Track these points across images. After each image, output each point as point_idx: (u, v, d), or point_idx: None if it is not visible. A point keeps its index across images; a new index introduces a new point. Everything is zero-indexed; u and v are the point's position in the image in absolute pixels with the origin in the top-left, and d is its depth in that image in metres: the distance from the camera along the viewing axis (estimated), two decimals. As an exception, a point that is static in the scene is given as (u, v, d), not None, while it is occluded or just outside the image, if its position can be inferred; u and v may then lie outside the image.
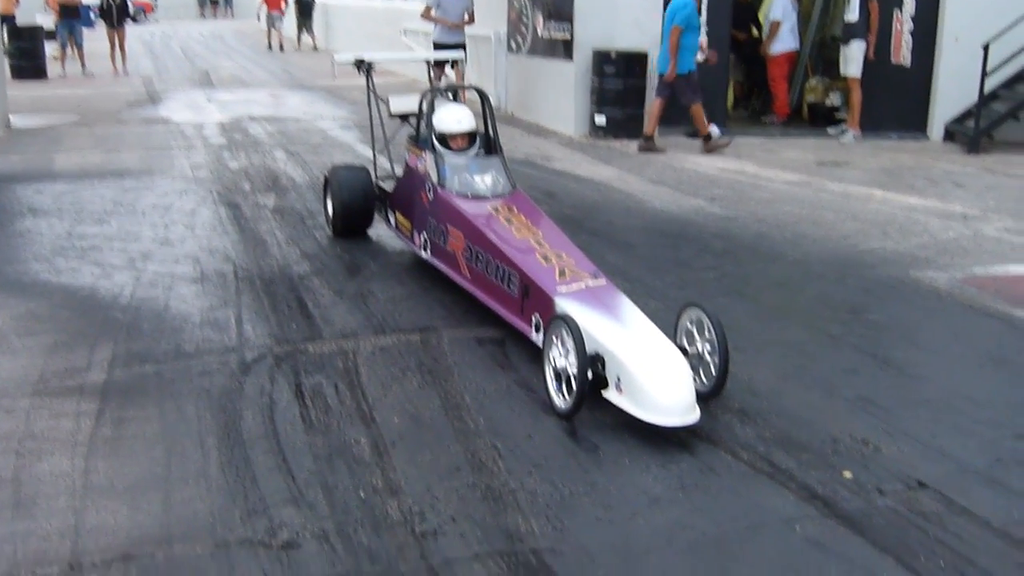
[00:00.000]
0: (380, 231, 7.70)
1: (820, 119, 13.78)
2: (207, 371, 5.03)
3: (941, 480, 3.97)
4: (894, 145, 12.49)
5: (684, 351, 4.65)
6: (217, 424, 4.43)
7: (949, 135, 12.67)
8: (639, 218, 8.61)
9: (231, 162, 11.07)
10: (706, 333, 4.64)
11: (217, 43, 33.93)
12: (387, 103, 7.45)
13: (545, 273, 5.12)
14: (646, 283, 6.52)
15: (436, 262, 6.33)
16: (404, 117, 7.50)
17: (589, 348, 4.37)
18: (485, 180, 6.24)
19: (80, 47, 21.29)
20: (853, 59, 12.39)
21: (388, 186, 7.55)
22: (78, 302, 6.14)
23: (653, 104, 11.98)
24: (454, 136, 6.49)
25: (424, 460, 4.10)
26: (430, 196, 6.37)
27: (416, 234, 6.66)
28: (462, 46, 14.07)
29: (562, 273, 5.10)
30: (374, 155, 8.11)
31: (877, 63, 12.48)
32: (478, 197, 6.12)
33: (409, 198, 6.79)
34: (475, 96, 7.06)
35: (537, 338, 5.01)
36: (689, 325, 4.79)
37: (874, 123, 12.81)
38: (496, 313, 5.49)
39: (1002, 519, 3.69)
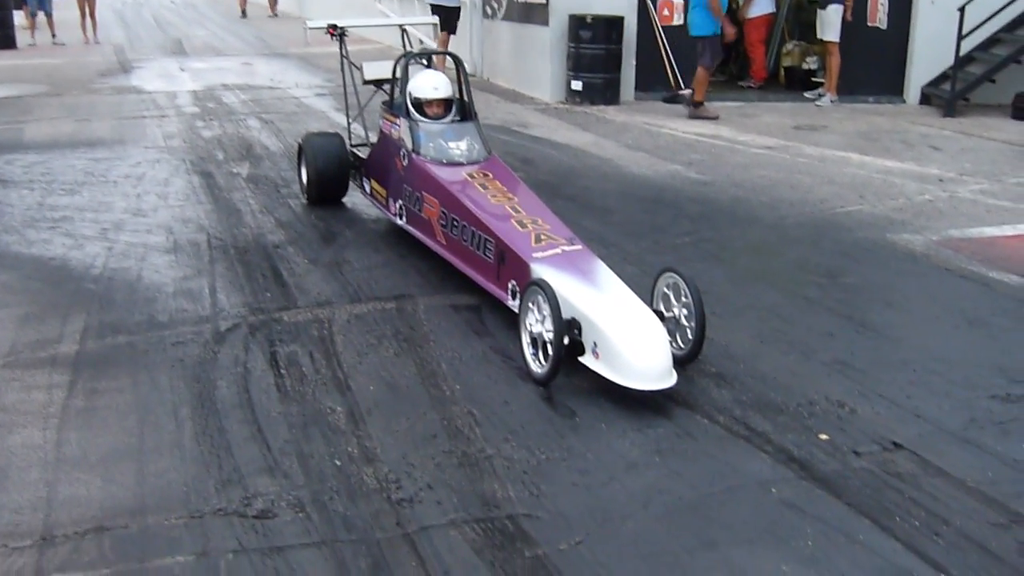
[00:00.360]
0: (355, 199, 7.64)
1: (797, 83, 13.75)
2: (181, 341, 4.98)
3: (916, 441, 3.98)
4: (871, 108, 12.49)
5: (661, 316, 4.61)
6: (191, 394, 4.39)
7: (925, 98, 12.67)
8: (616, 183, 8.57)
9: (204, 131, 10.95)
10: (683, 298, 4.61)
11: (190, 11, 33.52)
12: (361, 70, 7.38)
13: (521, 239, 5.06)
14: (623, 248, 6.49)
15: (411, 229, 6.26)
16: (378, 84, 7.40)
17: (565, 313, 4.32)
18: (460, 146, 6.17)
19: (50, 15, 20.97)
20: (831, 23, 12.35)
21: (363, 153, 7.45)
22: (49, 273, 6.07)
23: (699, 71, 11.88)
24: (430, 103, 6.36)
25: (400, 428, 4.08)
26: (405, 163, 6.30)
27: (391, 201, 6.58)
28: (458, 9, 13.94)
29: (538, 239, 5.04)
30: (348, 122, 8.02)
31: (853, 26, 12.45)
32: (453, 163, 6.05)
33: (384, 165, 6.71)
34: (450, 63, 6.99)
35: (514, 304, 4.93)
36: (666, 290, 4.75)
37: (851, 87, 12.80)
38: (472, 280, 5.42)
39: (976, 479, 3.71)
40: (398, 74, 6.70)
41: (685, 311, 4.60)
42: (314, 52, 17.56)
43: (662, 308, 4.75)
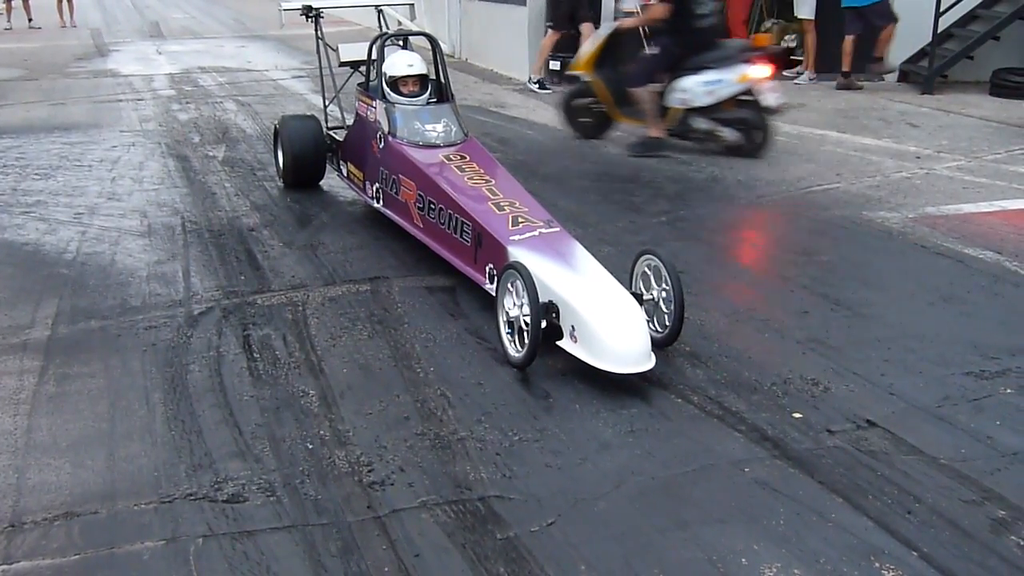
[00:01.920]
0: (331, 181, 7.60)
1: (776, 62, 13.71)
2: (153, 325, 4.94)
3: (890, 419, 3.98)
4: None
5: (639, 298, 4.58)
6: (163, 379, 4.36)
7: (903, 75, 12.66)
8: (593, 163, 8.55)
9: (180, 114, 10.87)
10: (662, 281, 4.56)
11: (167, -7, 33.27)
12: (337, 51, 7.29)
13: (498, 221, 5.01)
14: (600, 228, 6.48)
15: (388, 212, 6.20)
16: (354, 65, 7.31)
17: (542, 297, 4.28)
18: (437, 128, 6.11)
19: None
20: (806, 1, 12.34)
21: (339, 136, 7.39)
22: (22, 258, 6.02)
23: (845, 42, 11.88)
24: (405, 80, 6.29)
25: (373, 410, 4.06)
26: (381, 145, 6.23)
27: (368, 184, 6.51)
28: None
29: (515, 221, 4.99)
30: (324, 105, 7.94)
31: (832, 4, 12.41)
32: (430, 146, 5.99)
33: (360, 148, 6.65)
34: (426, 44, 6.89)
35: (491, 288, 4.87)
36: (645, 272, 4.70)
37: (829, 64, 12.76)
38: (449, 263, 5.38)
39: (949, 456, 3.71)
40: (374, 56, 6.60)
41: (664, 294, 4.55)
42: (292, 34, 17.45)
43: (641, 290, 4.70)
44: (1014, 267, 5.76)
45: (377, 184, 6.31)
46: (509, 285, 4.45)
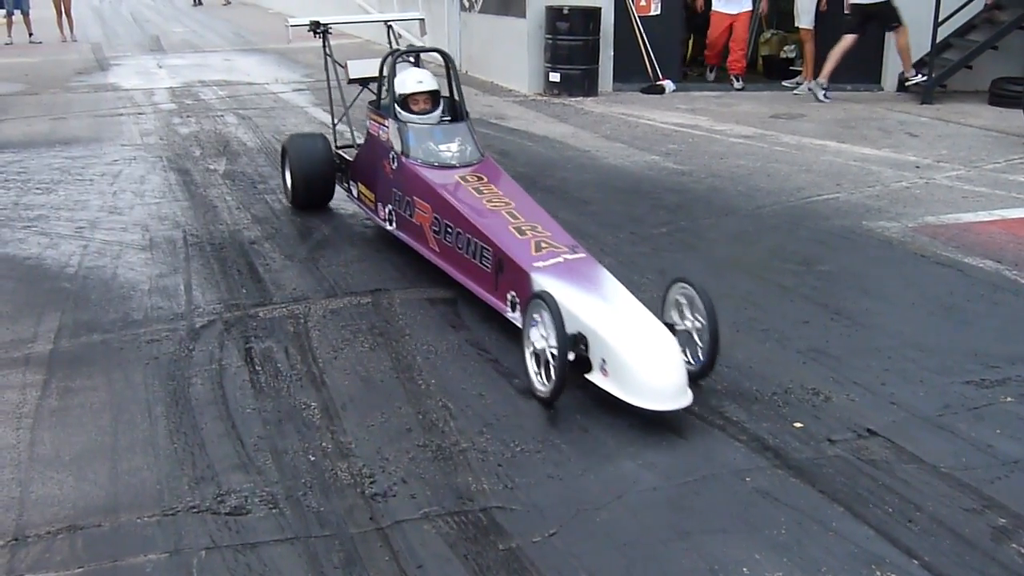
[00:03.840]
0: (336, 197, 7.61)
1: (775, 72, 13.76)
2: (155, 339, 4.96)
3: (890, 428, 3.99)
4: (848, 96, 12.53)
5: (672, 328, 4.33)
6: (165, 392, 4.37)
7: (903, 85, 12.69)
8: (593, 174, 8.57)
9: (181, 128, 10.90)
10: (695, 309, 4.33)
11: (168, 7, 33.40)
12: (345, 68, 7.10)
13: (520, 247, 4.80)
14: (600, 239, 6.49)
15: (402, 235, 6.00)
16: (364, 82, 7.11)
17: (570, 327, 4.08)
18: (451, 148, 5.90)
19: (27, 14, 20.83)
20: (805, 10, 12.40)
21: (349, 155, 7.15)
22: (24, 272, 6.03)
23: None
24: (415, 98, 6.11)
25: (375, 422, 4.07)
26: (394, 166, 6.02)
27: (380, 206, 6.30)
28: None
29: (538, 247, 4.79)
30: (333, 123, 7.67)
31: (831, 14, 12.47)
32: (445, 166, 5.79)
33: (371, 168, 6.42)
34: (439, 59, 6.67)
35: (514, 317, 4.72)
36: (677, 301, 4.45)
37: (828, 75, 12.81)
38: (468, 289, 5.19)
39: (950, 464, 3.72)
40: (385, 72, 6.36)
41: (698, 323, 4.30)
42: (292, 48, 17.49)
43: (674, 320, 4.44)
44: (1014, 276, 5.77)
45: (390, 206, 6.12)
46: (535, 315, 4.23)
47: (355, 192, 6.88)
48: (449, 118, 6.26)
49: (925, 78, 11.96)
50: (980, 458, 3.78)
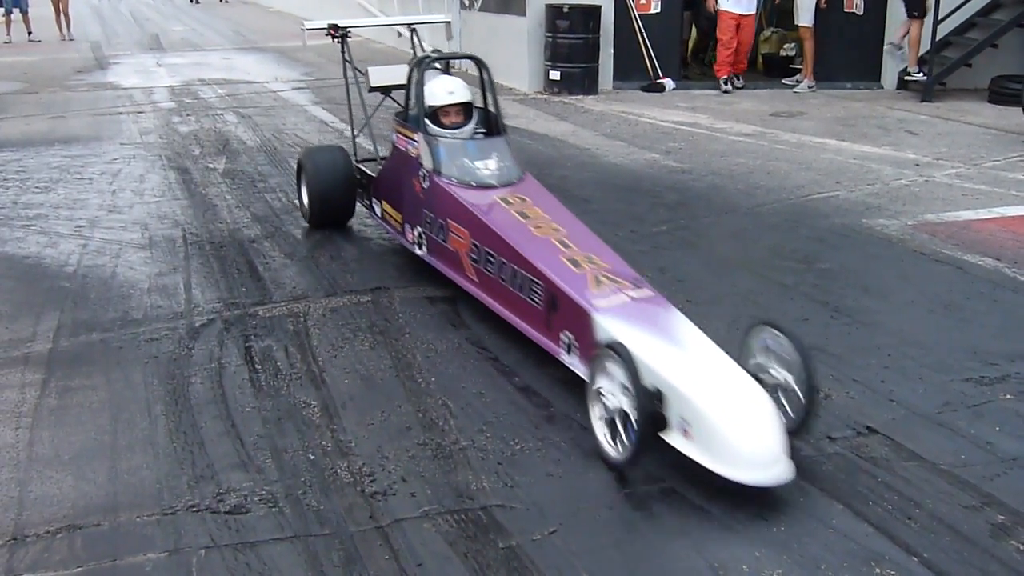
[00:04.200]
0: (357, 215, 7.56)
1: (775, 70, 13.76)
2: (155, 338, 4.95)
3: (890, 425, 3.99)
4: (848, 94, 12.53)
5: (759, 381, 3.74)
6: (165, 391, 4.37)
7: (902, 83, 12.70)
8: (593, 172, 8.57)
9: (181, 126, 10.89)
10: (784, 361, 3.75)
11: (167, 6, 33.39)
12: (366, 75, 6.60)
13: (576, 282, 4.27)
14: (600, 237, 6.47)
15: (434, 262, 5.48)
16: (386, 91, 6.63)
17: (644, 380, 3.56)
18: (489, 165, 5.36)
19: (25, 13, 20.82)
20: (805, 8, 12.40)
21: (371, 169, 6.57)
22: (23, 272, 6.03)
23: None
24: (446, 109, 5.58)
25: (375, 420, 4.07)
26: (424, 185, 5.45)
27: (408, 228, 5.76)
28: None
29: (597, 282, 4.26)
30: (352, 134, 7.11)
31: (830, 12, 12.48)
32: (482, 186, 5.25)
33: (398, 185, 5.87)
34: (471, 67, 6.13)
35: (570, 361, 4.22)
36: (761, 348, 3.86)
37: (828, 73, 12.83)
38: (514, 326, 4.67)
39: (949, 462, 3.72)
40: (413, 81, 5.79)
41: (789, 375, 3.72)
42: (292, 46, 17.53)
43: (759, 371, 3.83)
44: (1013, 273, 5.77)
45: (420, 228, 5.58)
46: (606, 368, 3.70)
47: (378, 210, 6.31)
48: (483, 131, 5.74)
49: (925, 76, 11.96)
50: (979, 455, 3.78)
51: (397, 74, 6.37)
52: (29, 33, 20.64)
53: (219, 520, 3.37)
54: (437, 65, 6.16)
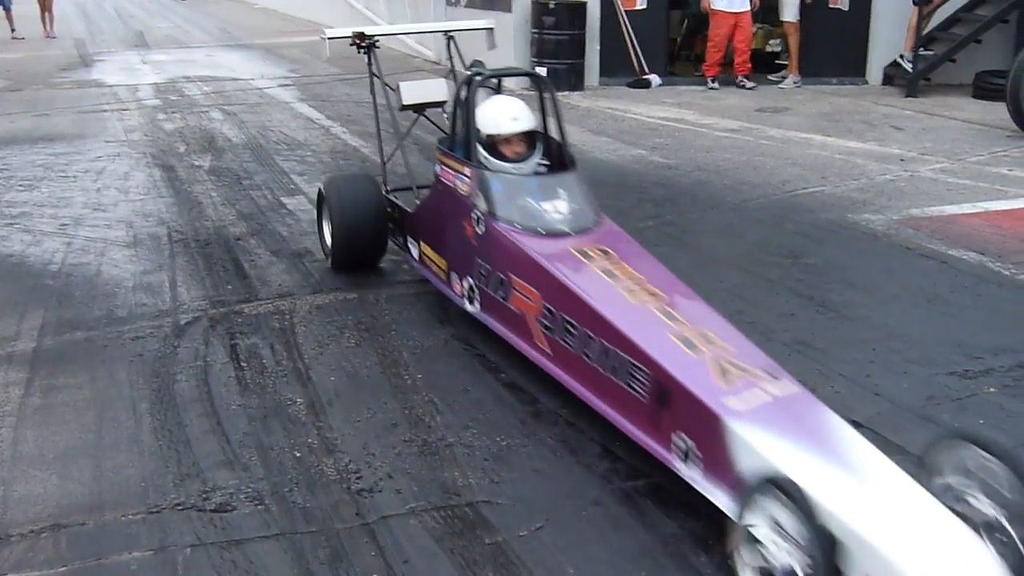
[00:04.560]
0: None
1: (761, 66, 13.77)
2: (140, 336, 4.94)
3: (875, 419, 4.00)
4: (833, 90, 12.55)
5: (962, 517, 2.78)
6: (150, 389, 4.35)
7: (888, 78, 12.74)
8: (580, 169, 8.55)
9: (166, 124, 10.86)
10: (993, 485, 2.76)
11: (151, 3, 33.26)
12: (397, 91, 5.75)
13: (695, 371, 3.35)
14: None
15: (491, 323, 4.55)
16: (419, 109, 5.82)
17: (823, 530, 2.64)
18: (559, 207, 4.44)
19: (8, 10, 20.72)
20: (790, 4, 12.41)
21: (404, 201, 5.69)
22: (7, 270, 6.01)
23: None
24: (508, 140, 4.70)
25: (361, 418, 4.07)
26: (478, 229, 4.58)
27: (456, 278, 4.86)
28: None
29: (722, 371, 3.34)
30: (383, 161, 6.12)
31: (815, 7, 12.50)
32: (553, 233, 4.35)
33: (442, 227, 5.01)
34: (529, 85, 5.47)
35: (690, 474, 3.28)
36: (956, 467, 2.88)
37: (813, 68, 12.84)
38: (603, 415, 3.72)
39: (934, 455, 3.73)
40: (465, 101, 4.86)
41: (1002, 510, 2.73)
42: (278, 43, 17.50)
43: (953, 493, 2.88)
44: (997, 268, 5.79)
45: (471, 280, 4.67)
46: (768, 510, 2.76)
47: (415, 252, 5.42)
48: (547, 163, 4.84)
49: (912, 65, 11.98)
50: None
51: (432, 89, 5.77)
52: (12, 30, 20.54)
53: (205, 518, 3.37)
54: (493, 83, 5.28)
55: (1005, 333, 4.90)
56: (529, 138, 4.76)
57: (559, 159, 4.85)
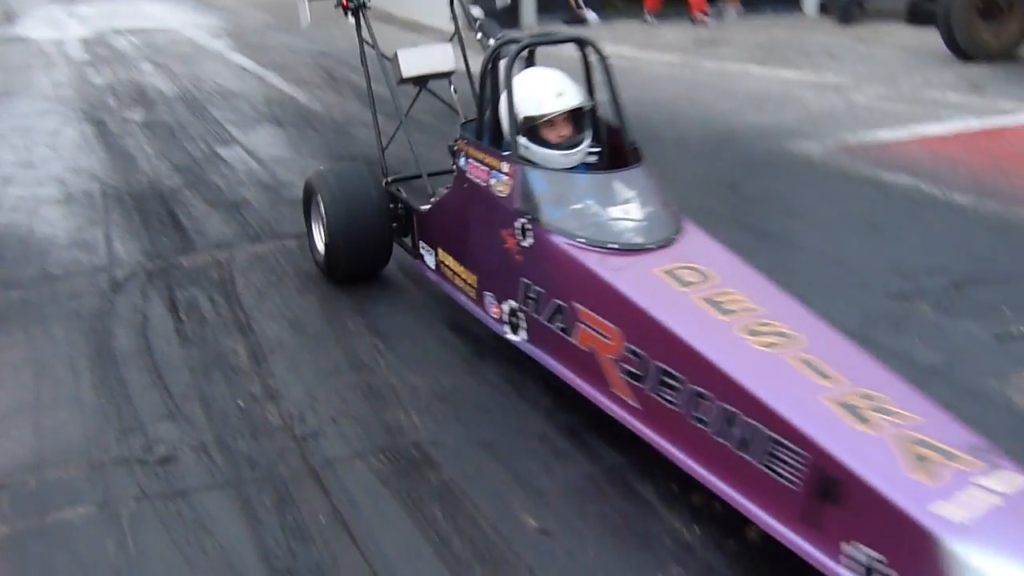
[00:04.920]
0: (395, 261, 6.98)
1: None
2: (76, 293, 4.86)
3: (814, 343, 4.05)
4: (770, 21, 12.58)
5: None
6: (88, 345, 4.29)
7: (823, 8, 12.79)
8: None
9: (95, 78, 10.63)
10: None
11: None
12: (395, 61, 4.85)
13: (877, 457, 2.39)
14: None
15: (546, 359, 3.51)
16: (422, 81, 4.96)
17: None
18: (630, 211, 3.47)
19: (-74, -33, 20.09)
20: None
21: (408, 196, 4.68)
22: (-64, 232, 5.88)
23: None
24: (552, 122, 3.70)
25: (303, 364, 4.04)
26: (524, 241, 3.52)
27: (491, 299, 3.81)
28: None
29: (918, 459, 2.37)
30: (380, 148, 4.99)
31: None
32: (630, 249, 3.36)
33: (467, 233, 3.97)
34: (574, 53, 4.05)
35: None
36: None
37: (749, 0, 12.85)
38: (725, 498, 2.75)
39: (872, 375, 3.79)
40: (499, 76, 3.84)
41: None
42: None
43: None
44: (931, 191, 5.87)
45: (513, 304, 3.64)
46: None
47: (431, 261, 4.37)
48: (597, 149, 3.84)
49: None
50: (901, 369, 3.82)
51: (436, 58, 4.94)
52: (-69, -12, 19.93)
53: (148, 471, 3.33)
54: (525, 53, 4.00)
55: (938, 254, 4.98)
56: (575, 118, 3.76)
57: (612, 144, 3.91)
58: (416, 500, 3.12)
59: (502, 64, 3.75)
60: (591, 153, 3.80)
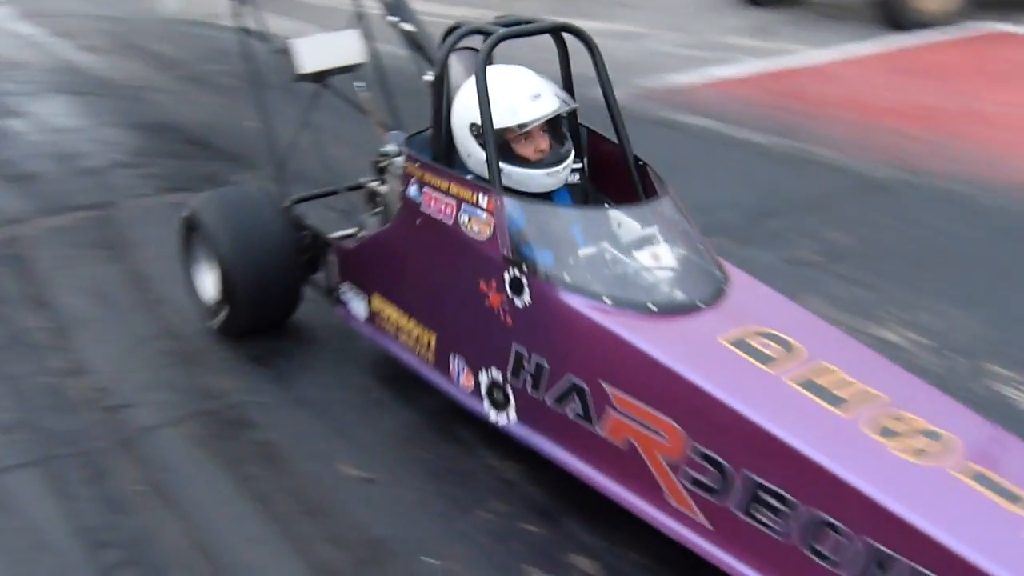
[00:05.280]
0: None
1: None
2: None
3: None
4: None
5: None
6: None
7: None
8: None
9: None
10: None
11: None
12: (287, 54, 3.75)
13: None
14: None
15: (550, 448, 2.72)
16: (321, 78, 3.84)
17: None
18: (662, 258, 2.75)
19: None
20: None
21: (311, 221, 3.87)
22: None
23: None
24: (529, 134, 2.93)
25: (109, 336, 3.93)
26: (519, 300, 2.71)
27: (461, 364, 2.98)
28: None
29: None
30: (275, 161, 3.97)
31: None
32: (673, 310, 2.63)
33: (423, 279, 3.12)
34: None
35: None
36: None
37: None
38: None
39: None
40: (447, 76, 3.11)
41: None
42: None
43: None
44: (726, 131, 6.12)
45: (497, 373, 2.84)
46: None
47: (362, 311, 3.44)
48: (578, 166, 3.19)
49: None
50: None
51: (339, 49, 3.89)
52: None
53: (-49, 455, 3.20)
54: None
55: (735, 189, 5.22)
56: (552, 126, 3.03)
57: (596, 156, 3.31)
58: (235, 461, 3.11)
59: (453, 61, 3.10)
60: (574, 170, 3.11)
